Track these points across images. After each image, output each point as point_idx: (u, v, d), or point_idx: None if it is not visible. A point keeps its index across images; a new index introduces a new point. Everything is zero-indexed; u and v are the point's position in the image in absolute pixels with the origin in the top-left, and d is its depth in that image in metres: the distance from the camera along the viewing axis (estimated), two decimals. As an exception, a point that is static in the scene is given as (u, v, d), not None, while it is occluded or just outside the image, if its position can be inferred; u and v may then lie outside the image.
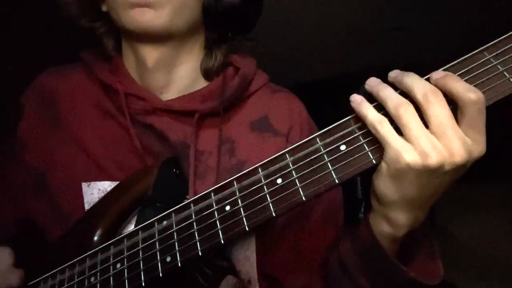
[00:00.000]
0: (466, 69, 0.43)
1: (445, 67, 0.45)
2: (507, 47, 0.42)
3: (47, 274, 0.60)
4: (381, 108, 0.45)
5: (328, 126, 0.48)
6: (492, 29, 0.44)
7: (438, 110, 0.41)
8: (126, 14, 0.62)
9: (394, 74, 0.46)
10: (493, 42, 0.44)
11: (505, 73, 0.42)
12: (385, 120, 0.44)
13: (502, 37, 0.43)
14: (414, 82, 0.43)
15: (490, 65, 0.43)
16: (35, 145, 0.70)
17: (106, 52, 0.72)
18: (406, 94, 0.44)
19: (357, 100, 0.46)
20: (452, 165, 0.42)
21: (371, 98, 0.47)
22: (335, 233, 0.69)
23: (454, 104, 0.43)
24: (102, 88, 0.70)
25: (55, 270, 0.59)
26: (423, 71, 0.46)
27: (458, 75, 0.44)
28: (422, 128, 0.42)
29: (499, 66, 0.42)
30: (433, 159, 0.42)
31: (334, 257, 0.63)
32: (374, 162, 0.45)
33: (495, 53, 0.42)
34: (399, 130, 0.43)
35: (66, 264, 0.58)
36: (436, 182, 0.44)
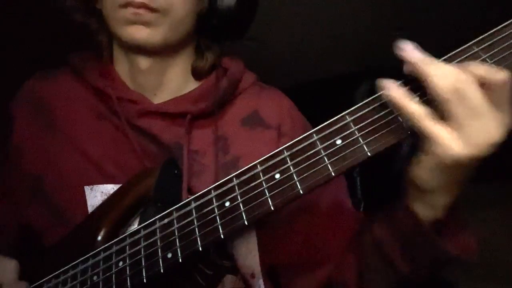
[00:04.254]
0: (456, 61, 0.44)
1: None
2: (494, 40, 0.43)
3: (50, 275, 0.60)
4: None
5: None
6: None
7: (474, 94, 0.41)
8: (123, 30, 0.64)
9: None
10: (482, 36, 0.45)
11: (493, 66, 0.43)
12: (427, 114, 0.42)
13: (491, 31, 0.44)
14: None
15: (479, 59, 0.44)
16: (31, 151, 0.70)
17: (100, 49, 0.73)
18: None
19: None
20: (493, 148, 0.42)
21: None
22: (346, 221, 0.68)
23: None
24: (93, 91, 0.71)
25: (59, 271, 0.60)
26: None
27: None
28: (470, 115, 0.41)
29: (487, 59, 0.43)
30: (481, 151, 0.41)
31: (367, 243, 0.61)
32: (369, 154, 0.46)
33: (483, 46, 0.44)
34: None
35: (69, 265, 0.59)
36: (477, 164, 0.44)
